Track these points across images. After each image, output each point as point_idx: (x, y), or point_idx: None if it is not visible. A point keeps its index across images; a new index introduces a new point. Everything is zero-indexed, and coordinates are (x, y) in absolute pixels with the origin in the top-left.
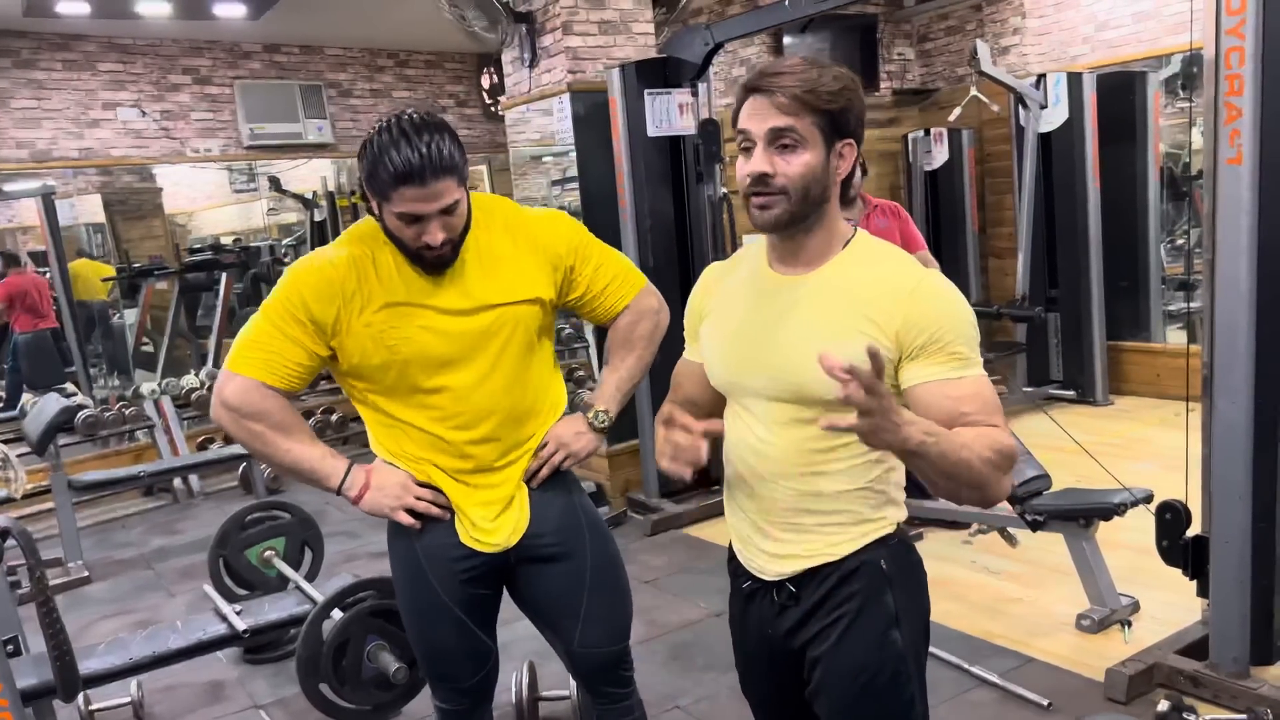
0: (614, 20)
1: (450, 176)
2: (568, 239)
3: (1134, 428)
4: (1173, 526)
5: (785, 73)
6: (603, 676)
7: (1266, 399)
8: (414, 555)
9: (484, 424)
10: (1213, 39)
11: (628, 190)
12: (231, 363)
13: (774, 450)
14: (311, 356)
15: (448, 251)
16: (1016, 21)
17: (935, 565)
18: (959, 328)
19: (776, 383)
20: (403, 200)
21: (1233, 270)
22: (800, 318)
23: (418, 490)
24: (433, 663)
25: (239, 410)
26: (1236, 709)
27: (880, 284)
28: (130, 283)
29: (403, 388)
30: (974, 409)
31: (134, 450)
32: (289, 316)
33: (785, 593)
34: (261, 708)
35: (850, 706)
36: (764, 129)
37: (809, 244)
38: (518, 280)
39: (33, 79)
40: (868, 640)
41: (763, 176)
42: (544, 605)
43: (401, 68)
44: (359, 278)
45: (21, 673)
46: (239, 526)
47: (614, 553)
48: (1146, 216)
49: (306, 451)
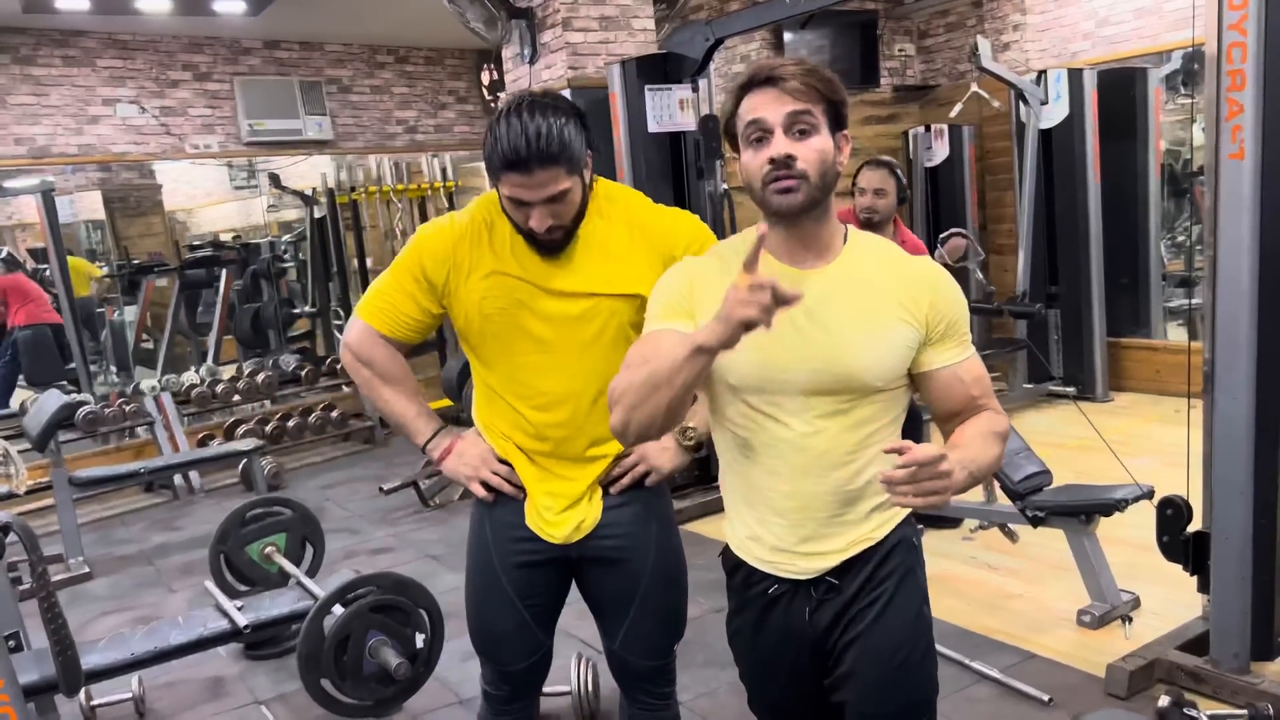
0: (614, 16)
1: (557, 166)
2: (688, 239)
3: (1134, 424)
4: (1173, 522)
5: (788, 64)
6: (637, 683)
7: (1267, 395)
8: (484, 528)
9: (565, 408)
10: (1215, 34)
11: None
12: (359, 308)
13: (820, 442)
14: (424, 312)
15: (558, 237)
16: (1017, 18)
17: (936, 561)
18: (965, 312)
19: (819, 375)
20: (509, 185)
21: (1234, 266)
22: (836, 309)
23: (496, 465)
24: (479, 638)
25: (356, 353)
26: (1237, 704)
27: (902, 273)
28: (130, 279)
29: (497, 358)
30: (980, 391)
31: (134, 447)
32: (408, 273)
33: (824, 587)
34: (263, 703)
35: (886, 685)
36: (782, 114)
37: (820, 234)
38: (624, 273)
39: (32, 75)
40: (906, 617)
41: (788, 158)
42: (596, 602)
43: (401, 64)
44: (472, 243)
45: (23, 668)
46: (240, 522)
47: (675, 573)
48: (1147, 213)
49: (405, 405)
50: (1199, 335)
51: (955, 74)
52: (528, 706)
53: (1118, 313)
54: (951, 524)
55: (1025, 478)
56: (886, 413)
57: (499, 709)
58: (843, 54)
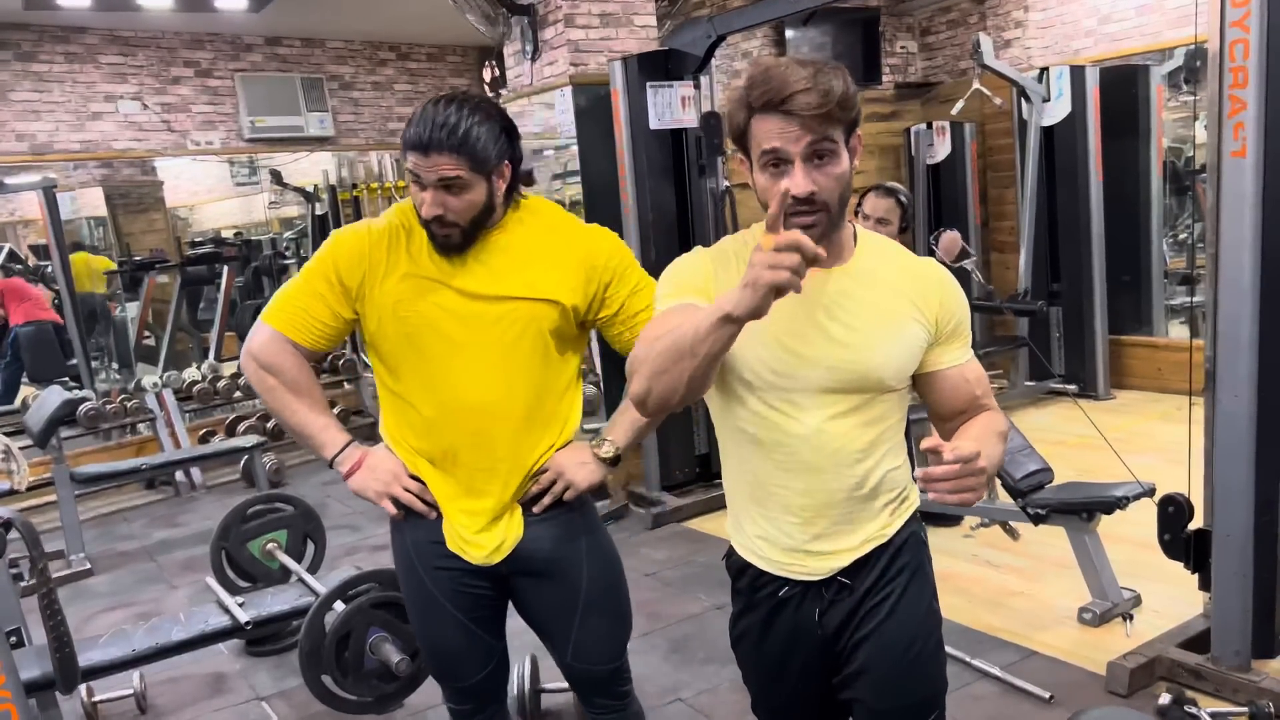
0: (616, 13)
1: (456, 156)
2: (609, 255)
3: (1135, 422)
4: (1175, 520)
5: (802, 86)
6: (594, 690)
7: (1269, 393)
8: (406, 549)
9: (479, 416)
10: (1217, 32)
11: (630, 183)
12: (265, 314)
13: (834, 440)
14: (335, 317)
15: (453, 235)
16: (1019, 15)
17: (937, 559)
18: (969, 313)
19: (836, 373)
20: (410, 161)
21: (1235, 264)
22: (853, 309)
23: (407, 481)
24: (434, 659)
25: (258, 359)
26: (1238, 702)
27: (913, 274)
28: (132, 276)
29: (410, 363)
30: (982, 390)
31: (135, 443)
32: (320, 276)
33: (836, 587)
34: (264, 699)
35: (900, 680)
36: (801, 146)
37: (835, 236)
38: (543, 278)
39: (33, 71)
40: (918, 611)
41: (811, 196)
42: (536, 619)
43: (403, 61)
44: (389, 246)
45: (24, 664)
46: (241, 519)
47: (613, 578)
48: (1149, 210)
49: (311, 417)
50: (1200, 333)
51: (957, 71)
52: (499, 712)
53: (1119, 310)
54: (952, 522)
55: (1026, 475)
56: (896, 411)
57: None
58: (844, 51)
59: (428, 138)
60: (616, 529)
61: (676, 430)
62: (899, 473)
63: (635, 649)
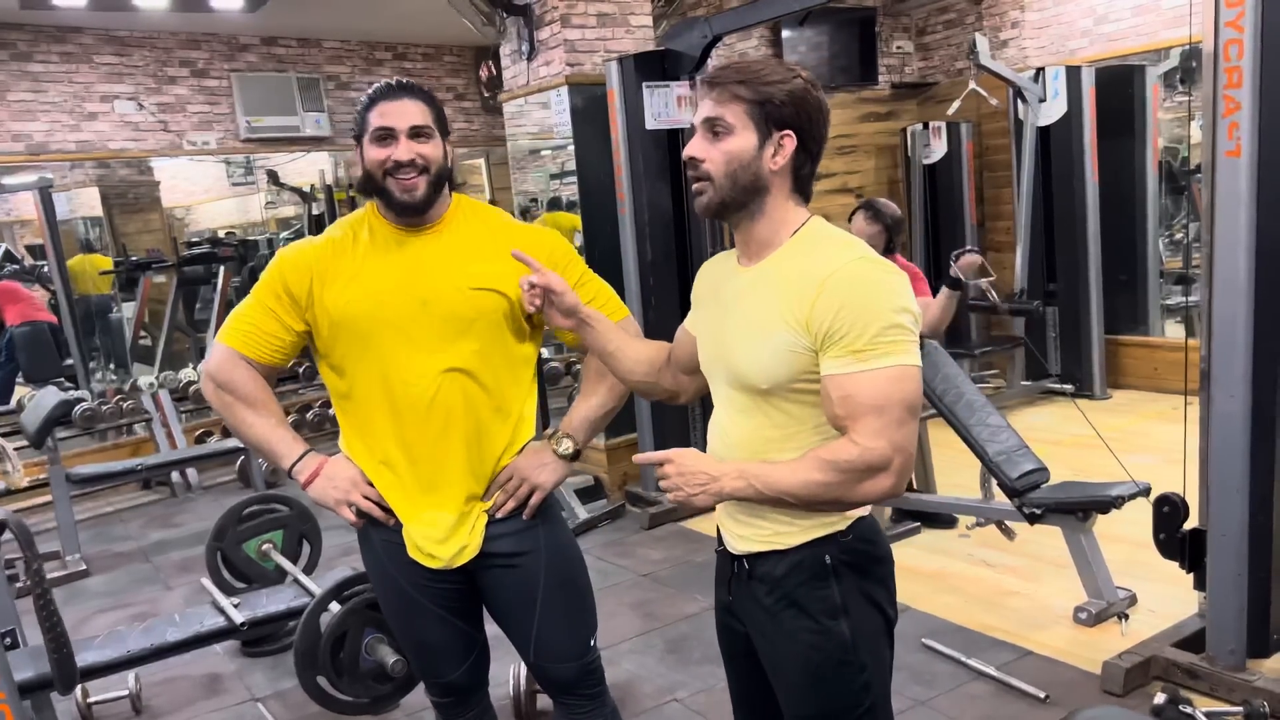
0: (612, 13)
1: (423, 102)
2: (550, 249)
3: (1131, 421)
4: (1170, 520)
5: (731, 67)
6: (563, 688)
7: (1264, 392)
8: (376, 552)
9: (437, 411)
10: (1212, 32)
11: (626, 184)
12: (219, 334)
13: (734, 435)
14: (287, 330)
15: (419, 186)
16: (1015, 15)
17: (933, 558)
18: (865, 320)
19: (728, 371)
20: (378, 114)
21: (1231, 263)
22: (740, 310)
23: (366, 489)
24: (416, 656)
25: (214, 377)
26: (1233, 701)
27: (801, 274)
28: (128, 276)
29: (365, 367)
30: (845, 411)
31: (131, 444)
32: (268, 291)
33: (740, 567)
34: (259, 700)
35: (800, 689)
36: (699, 118)
37: (755, 233)
38: (488, 271)
39: (29, 71)
40: (808, 627)
41: (693, 160)
42: (500, 615)
43: (399, 60)
44: (334, 255)
45: (19, 665)
46: (237, 520)
47: (571, 571)
48: (1145, 210)
49: (268, 429)
50: (1196, 332)
51: (954, 71)
52: (483, 703)
53: (1116, 310)
54: (949, 522)
55: (1022, 475)
56: (802, 422)
57: (453, 719)
58: (841, 51)
59: (397, 84)
60: (613, 529)
61: (674, 429)
62: None
63: (632, 649)
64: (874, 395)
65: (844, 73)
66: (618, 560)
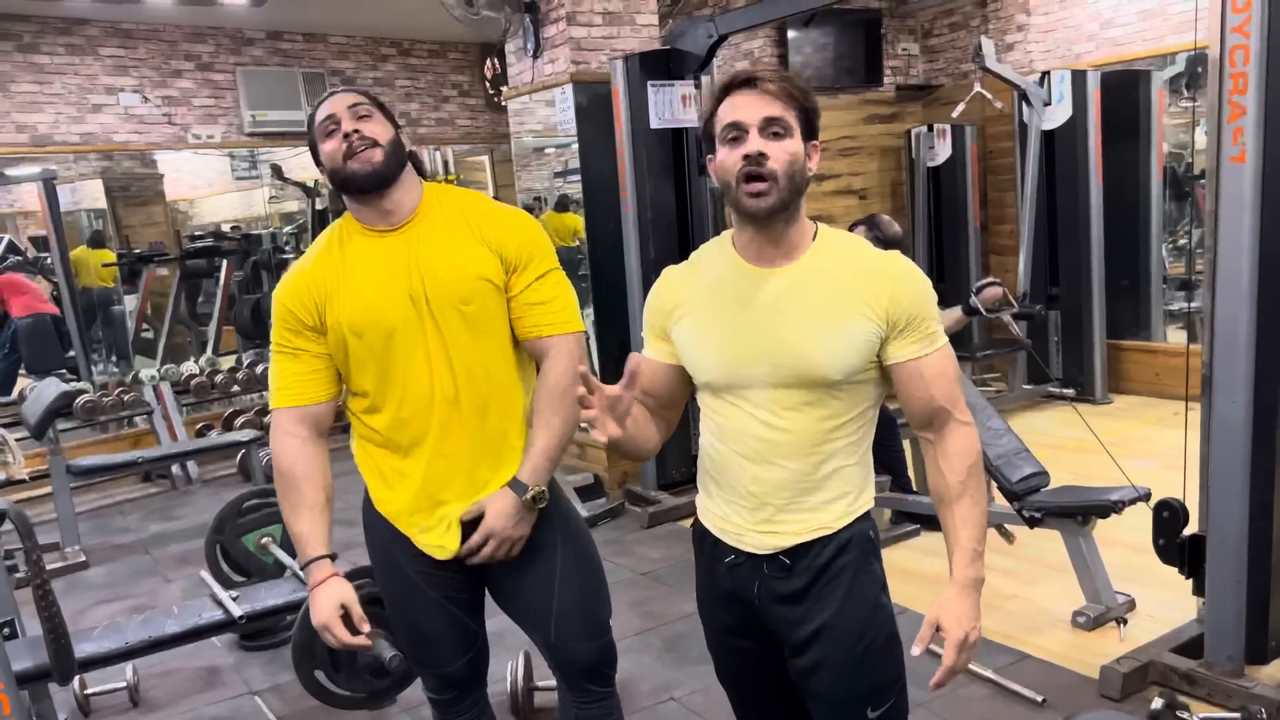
0: (618, 11)
1: (357, 92)
2: (521, 240)
3: (1133, 426)
4: (1170, 525)
5: (766, 71)
6: (583, 672)
7: (1265, 398)
8: (384, 538)
9: (442, 413)
10: (1218, 38)
11: (630, 182)
12: (271, 404)
13: (784, 434)
14: (318, 357)
15: (375, 154)
16: (1021, 18)
17: (932, 560)
18: (931, 306)
19: (780, 369)
20: (320, 114)
21: (1234, 269)
22: (797, 305)
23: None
24: (415, 647)
25: (275, 455)
26: (1231, 708)
27: (864, 268)
28: (131, 269)
29: (372, 373)
30: (940, 390)
31: (132, 436)
32: (286, 331)
33: (777, 565)
34: (257, 694)
35: (852, 675)
36: (759, 117)
37: (789, 235)
38: (465, 260)
39: (35, 63)
40: (866, 606)
41: (760, 155)
42: (516, 602)
43: (404, 56)
44: (325, 273)
45: (17, 656)
46: (236, 513)
47: (588, 550)
48: (1149, 215)
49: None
50: (1199, 338)
51: (958, 74)
52: (481, 699)
53: (1118, 315)
54: None
55: (1023, 478)
56: (853, 407)
57: (449, 715)
58: (846, 52)
59: (340, 89)
60: (613, 528)
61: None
62: (851, 470)
63: (629, 647)
64: (951, 369)
65: (849, 74)
66: (616, 559)
